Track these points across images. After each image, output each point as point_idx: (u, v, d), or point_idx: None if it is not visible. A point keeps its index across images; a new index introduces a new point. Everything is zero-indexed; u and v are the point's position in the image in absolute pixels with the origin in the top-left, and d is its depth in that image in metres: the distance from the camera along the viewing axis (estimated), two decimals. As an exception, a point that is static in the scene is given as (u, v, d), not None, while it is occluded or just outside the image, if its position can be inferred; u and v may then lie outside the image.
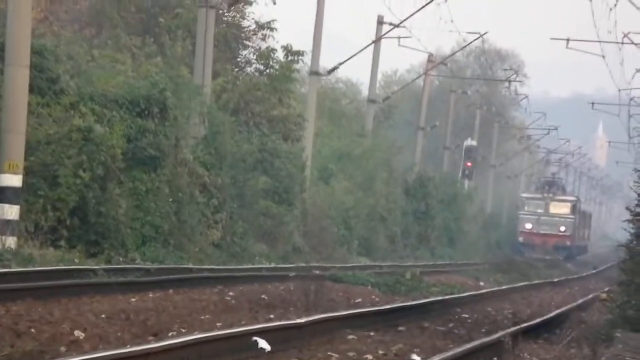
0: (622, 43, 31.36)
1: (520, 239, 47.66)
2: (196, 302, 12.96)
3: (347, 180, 32.13)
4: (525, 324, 13.17)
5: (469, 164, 49.43)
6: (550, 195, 48.28)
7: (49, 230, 17.04)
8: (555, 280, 30.32)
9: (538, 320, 14.09)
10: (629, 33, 30.39)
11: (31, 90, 16.78)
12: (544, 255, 43.85)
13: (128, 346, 8.16)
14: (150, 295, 13.24)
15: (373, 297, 16.94)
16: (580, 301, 20.06)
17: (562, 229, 47.51)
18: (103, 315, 10.65)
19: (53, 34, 23.32)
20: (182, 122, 21.10)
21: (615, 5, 27.02)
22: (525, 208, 48.32)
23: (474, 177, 50.64)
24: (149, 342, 8.57)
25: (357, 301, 15.52)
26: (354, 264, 25.68)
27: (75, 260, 16.15)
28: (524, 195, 50.83)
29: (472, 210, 48.04)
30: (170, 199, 19.86)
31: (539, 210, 47.78)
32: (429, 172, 41.75)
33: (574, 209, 48.57)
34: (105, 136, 17.89)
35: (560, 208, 47.85)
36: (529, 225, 47.62)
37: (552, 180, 50.95)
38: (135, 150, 19.29)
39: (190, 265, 17.95)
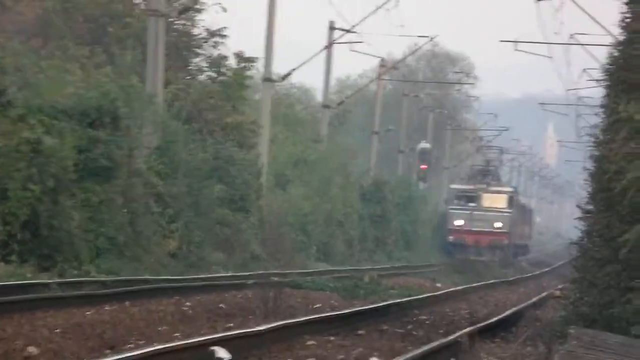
0: (569, 44, 31.95)
1: (450, 237, 41.30)
2: (153, 314, 12.82)
3: (304, 186, 32.15)
4: (482, 324, 13.29)
5: (423, 166, 49.37)
6: (483, 186, 41.81)
7: (-1, 245, 16.71)
8: (510, 279, 30.68)
9: (494, 319, 14.23)
10: (574, 34, 31.00)
11: (-23, 103, 16.47)
12: (477, 257, 38.31)
13: (84, 360, 8.02)
14: (106, 308, 13.06)
15: (332, 301, 16.95)
16: (534, 299, 20.33)
17: (498, 225, 41.12)
18: (57, 330, 10.46)
19: (-1, 46, 22.87)
20: (135, 131, 20.89)
21: (561, 6, 27.55)
22: (455, 202, 41.79)
23: (429, 179, 50.89)
24: (105, 356, 8.44)
25: (316, 306, 15.52)
26: (312, 270, 25.68)
27: (28, 274, 15.86)
28: (454, 186, 44.06)
29: (427, 213, 48.23)
30: (125, 210, 19.63)
31: (471, 204, 41.21)
32: (384, 176, 41.95)
33: (511, 201, 41.90)
34: (55, 148, 17.61)
35: (495, 201, 41.27)
36: (459, 222, 41.01)
37: (486, 168, 44.04)
38: (87, 162, 19.03)
39: (147, 277, 17.76)
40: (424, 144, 49.92)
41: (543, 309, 18.35)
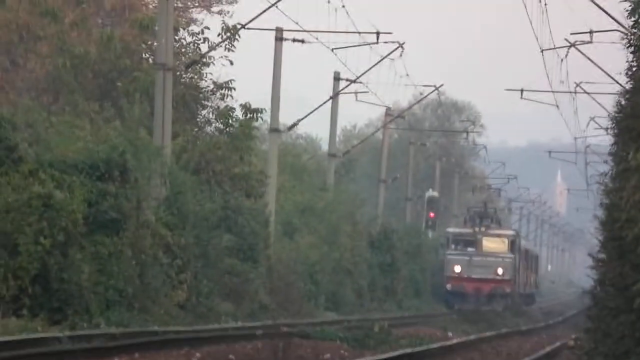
0: (575, 92, 32.11)
1: (448, 286, 38.62)
2: (163, 367, 12.72)
3: (312, 234, 32.10)
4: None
5: (431, 214, 49.23)
6: (482, 229, 38.94)
7: (10, 300, 16.75)
8: (524, 328, 30.35)
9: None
10: (580, 82, 31.18)
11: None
12: (478, 306, 36.00)
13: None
14: (116, 362, 12.98)
15: (342, 352, 16.80)
16: (548, 349, 20.08)
17: (500, 271, 38.28)
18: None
19: (10, 103, 23.19)
20: (143, 183, 21.01)
21: (566, 55, 27.86)
22: (452, 247, 39.07)
23: (437, 227, 50.76)
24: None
25: (326, 357, 15.38)
26: (321, 320, 25.50)
27: (39, 328, 15.82)
28: (450, 230, 40.90)
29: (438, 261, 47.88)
30: (134, 262, 19.64)
31: (470, 249, 38.76)
32: (392, 224, 41.82)
33: (512, 245, 38.83)
34: (65, 202, 17.73)
35: (496, 245, 38.58)
36: (457, 269, 38.36)
37: (484, 211, 40.71)
38: (97, 214, 19.13)
39: (156, 328, 17.69)
40: (432, 192, 49.84)
41: None
